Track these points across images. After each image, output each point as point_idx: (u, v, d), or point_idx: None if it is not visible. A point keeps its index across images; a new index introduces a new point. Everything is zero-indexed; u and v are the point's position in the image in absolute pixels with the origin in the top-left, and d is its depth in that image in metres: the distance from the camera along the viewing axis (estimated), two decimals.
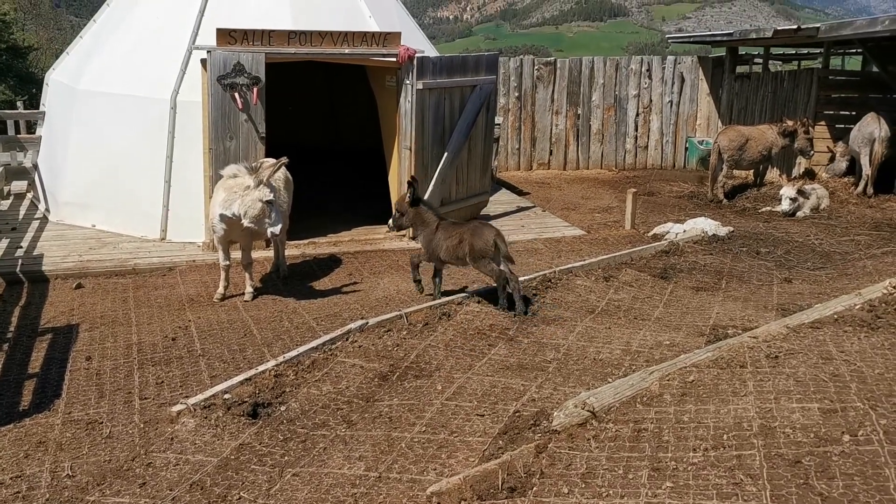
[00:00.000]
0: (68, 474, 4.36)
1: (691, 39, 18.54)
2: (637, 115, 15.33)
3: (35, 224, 9.82)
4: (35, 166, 10.87)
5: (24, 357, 6.11)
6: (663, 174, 14.92)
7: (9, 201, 11.06)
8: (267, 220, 6.78)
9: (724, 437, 3.73)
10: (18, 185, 11.46)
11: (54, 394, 5.44)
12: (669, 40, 19.13)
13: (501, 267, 6.66)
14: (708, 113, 15.47)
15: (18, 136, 11.56)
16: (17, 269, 8.13)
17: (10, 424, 5.00)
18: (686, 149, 15.60)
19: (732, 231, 9.76)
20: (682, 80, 15.39)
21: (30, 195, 11.18)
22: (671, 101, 15.39)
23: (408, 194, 6.96)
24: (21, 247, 8.88)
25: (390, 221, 7.13)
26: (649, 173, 15.01)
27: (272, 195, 6.78)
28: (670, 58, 15.55)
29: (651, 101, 15.33)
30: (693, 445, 3.71)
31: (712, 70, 15.36)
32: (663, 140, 15.53)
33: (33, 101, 27.49)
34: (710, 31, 20.25)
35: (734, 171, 12.48)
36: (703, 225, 9.76)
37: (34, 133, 11.33)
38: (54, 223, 9.88)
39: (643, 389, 4.31)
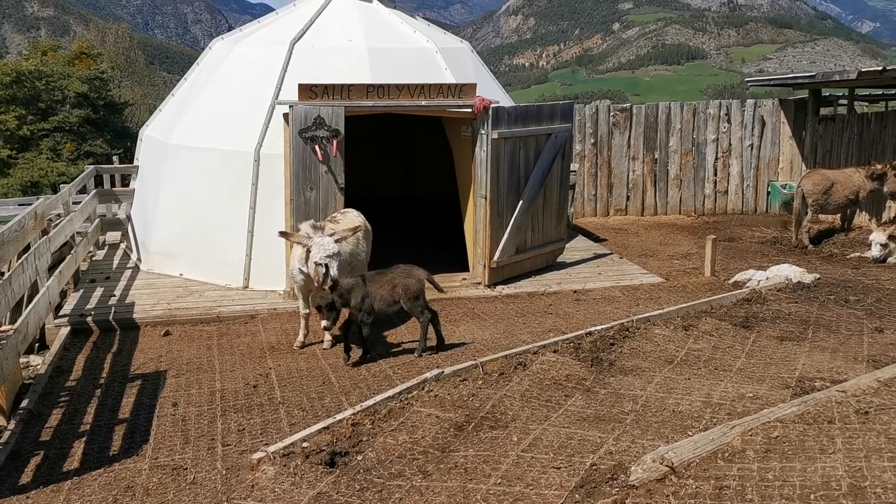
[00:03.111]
0: None
1: (772, 82, 18.19)
2: (716, 159, 15.10)
3: (127, 273, 10.29)
4: (128, 218, 11.42)
5: (114, 402, 6.37)
6: (744, 219, 14.59)
7: (104, 251, 11.63)
8: (318, 280, 6.97)
9: (812, 496, 3.59)
10: (113, 236, 12.05)
11: (142, 439, 5.64)
12: (749, 83, 18.83)
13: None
14: (791, 156, 15.10)
15: (114, 189, 12.21)
16: (111, 316, 8.52)
17: (100, 469, 5.20)
18: (768, 193, 15.24)
19: (819, 278, 9.44)
20: (763, 124, 15.11)
21: (123, 245, 11.72)
22: (751, 145, 15.11)
23: (327, 284, 6.75)
24: (114, 295, 9.30)
25: (326, 322, 6.81)
26: (729, 218, 14.70)
27: (327, 257, 6.94)
28: (750, 101, 15.30)
29: (730, 145, 15.09)
30: None
31: (795, 112, 15.03)
32: (744, 185, 15.22)
33: (127, 155, 28.94)
34: (792, 72, 19.91)
35: (820, 215, 12.11)
36: (788, 272, 9.48)
37: (128, 186, 11.94)
38: (145, 272, 10.32)
39: (725, 444, 4.18)
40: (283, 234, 7.62)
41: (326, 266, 6.85)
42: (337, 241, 7.04)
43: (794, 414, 4.45)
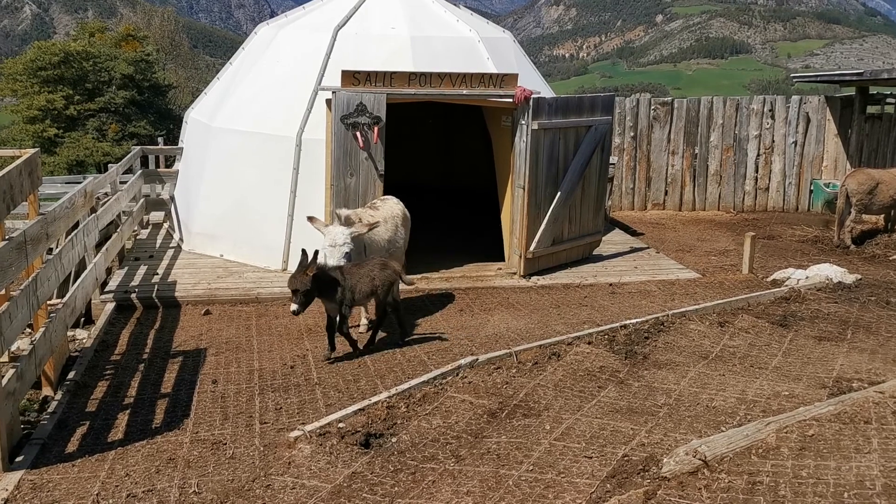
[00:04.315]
0: (195, 491, 4.63)
1: (818, 78, 17.87)
2: (758, 155, 14.90)
3: (170, 252, 10.51)
4: (172, 198, 11.64)
5: (157, 377, 6.54)
6: (785, 217, 14.40)
7: (147, 230, 11.88)
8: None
9: (845, 494, 3.59)
10: (156, 216, 12.30)
11: (183, 413, 5.80)
12: (794, 79, 18.51)
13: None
14: (835, 155, 14.85)
15: (158, 169, 12.44)
16: (154, 294, 8.73)
17: (143, 440, 5.36)
18: (811, 191, 15.02)
19: (860, 279, 9.32)
20: (808, 121, 14.88)
21: (166, 225, 11.96)
22: (795, 142, 14.89)
23: (311, 266, 6.55)
24: (157, 273, 9.52)
25: (295, 307, 6.54)
26: (770, 216, 14.53)
27: (330, 246, 7.14)
28: (795, 97, 15.07)
29: (773, 141, 14.88)
30: (811, 502, 3.58)
31: (841, 110, 14.76)
32: (786, 182, 15.01)
33: (170, 136, 29.34)
34: (839, 68, 19.55)
35: (863, 215, 11.92)
36: (828, 271, 9.36)
37: (172, 167, 12.16)
38: (187, 252, 10.53)
39: (759, 441, 4.19)
40: (309, 218, 7.70)
41: (316, 252, 6.75)
42: (352, 235, 7.18)
43: (831, 413, 4.44)
